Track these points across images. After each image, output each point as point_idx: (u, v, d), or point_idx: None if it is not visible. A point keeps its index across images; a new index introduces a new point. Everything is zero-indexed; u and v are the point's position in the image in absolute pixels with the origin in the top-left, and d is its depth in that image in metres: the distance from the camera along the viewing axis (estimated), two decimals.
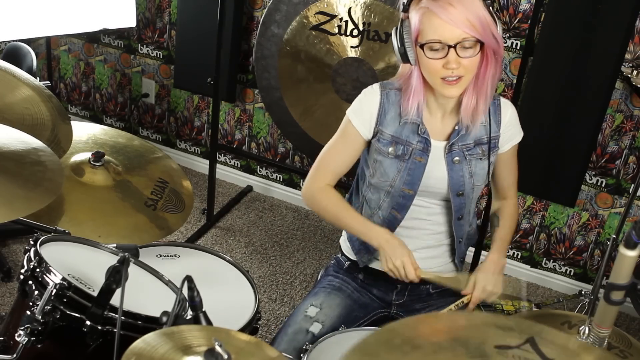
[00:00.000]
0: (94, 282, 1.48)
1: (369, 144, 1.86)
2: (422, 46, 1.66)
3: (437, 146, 1.82)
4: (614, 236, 2.58)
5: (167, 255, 1.90)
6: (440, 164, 1.82)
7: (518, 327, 1.09)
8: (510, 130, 1.88)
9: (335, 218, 1.90)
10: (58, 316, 1.39)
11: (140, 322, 1.41)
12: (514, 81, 2.87)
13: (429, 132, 1.80)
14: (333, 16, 2.83)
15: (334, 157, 1.89)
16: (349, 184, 1.99)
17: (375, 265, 1.96)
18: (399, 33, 1.68)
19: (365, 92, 1.85)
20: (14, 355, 1.37)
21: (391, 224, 1.88)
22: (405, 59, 1.70)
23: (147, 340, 1.16)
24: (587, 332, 1.31)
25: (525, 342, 1.05)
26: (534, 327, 1.10)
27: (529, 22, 2.77)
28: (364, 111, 1.82)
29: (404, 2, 1.70)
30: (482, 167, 1.85)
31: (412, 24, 1.67)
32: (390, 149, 1.81)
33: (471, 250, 2.06)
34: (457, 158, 1.82)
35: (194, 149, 3.79)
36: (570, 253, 3.17)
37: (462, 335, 1.07)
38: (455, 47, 1.63)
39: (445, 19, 1.62)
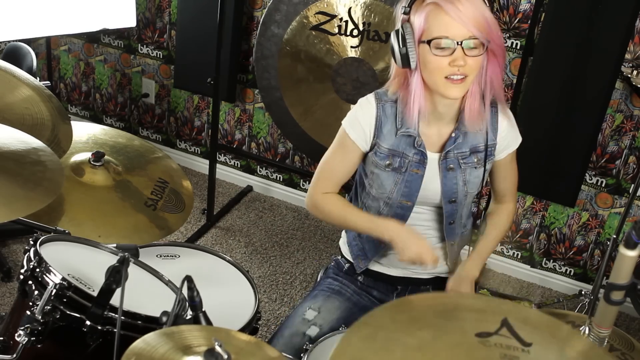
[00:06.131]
0: (94, 282, 1.48)
1: (366, 154, 1.85)
2: (428, 42, 1.64)
3: (433, 158, 1.80)
4: (614, 236, 2.58)
5: (167, 255, 1.90)
6: (435, 175, 1.81)
7: (489, 307, 1.10)
8: (507, 138, 1.86)
9: (342, 221, 1.89)
10: (58, 316, 1.39)
11: (140, 322, 1.41)
12: (514, 81, 2.87)
13: (425, 145, 1.79)
14: (333, 16, 2.83)
15: (334, 168, 1.88)
16: (349, 184, 1.99)
17: (374, 268, 1.96)
18: (401, 35, 1.67)
19: (360, 104, 1.82)
20: (14, 355, 1.37)
21: None
22: (405, 62, 1.67)
23: (147, 340, 1.16)
24: (587, 332, 1.31)
25: (501, 325, 1.06)
26: (503, 306, 1.11)
27: (529, 22, 2.77)
28: (360, 124, 1.81)
29: (404, 5, 1.68)
30: (476, 175, 1.83)
31: (416, 24, 1.66)
32: (387, 162, 1.80)
33: (467, 249, 2.05)
34: (451, 165, 1.80)
35: (194, 149, 3.79)
36: (570, 253, 3.17)
37: (440, 324, 1.07)
38: (462, 44, 1.63)
39: (454, 16, 1.61)
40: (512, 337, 1.05)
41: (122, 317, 1.32)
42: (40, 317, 1.37)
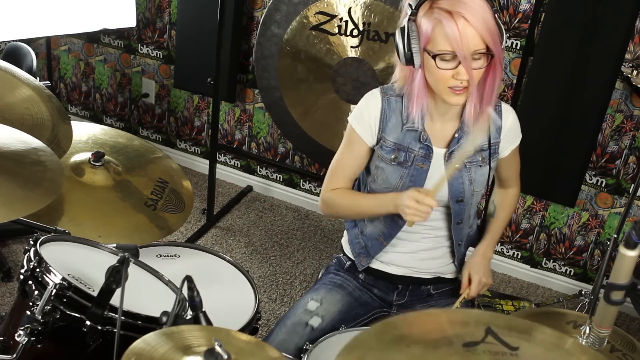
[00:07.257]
0: (94, 282, 1.48)
1: (373, 149, 1.86)
2: (434, 56, 1.64)
3: (438, 153, 1.82)
4: (614, 236, 2.58)
5: (167, 255, 1.90)
6: (440, 171, 1.82)
7: (470, 319, 1.13)
8: (510, 136, 1.88)
9: (352, 208, 1.91)
10: (58, 316, 1.39)
11: (140, 322, 1.41)
12: (514, 81, 2.87)
13: (430, 139, 1.80)
14: (333, 16, 2.83)
15: (343, 165, 1.89)
16: None
17: (375, 266, 1.96)
18: (407, 36, 1.66)
19: (366, 99, 1.84)
20: (14, 355, 1.38)
21: (392, 229, 1.89)
22: (410, 62, 1.68)
23: (147, 340, 1.16)
24: (587, 332, 1.31)
25: (486, 334, 1.07)
26: (484, 316, 1.14)
27: (529, 22, 2.77)
28: (365, 118, 1.82)
29: (410, 4, 1.67)
30: (482, 173, 1.85)
31: (422, 30, 1.65)
32: (392, 156, 1.81)
33: (471, 250, 2.05)
34: (456, 166, 1.81)
35: (194, 149, 3.79)
36: (570, 253, 3.17)
37: (427, 339, 1.08)
38: (466, 58, 1.62)
39: (460, 32, 1.60)
40: (499, 343, 1.06)
41: (122, 317, 1.32)
42: (40, 317, 1.37)
